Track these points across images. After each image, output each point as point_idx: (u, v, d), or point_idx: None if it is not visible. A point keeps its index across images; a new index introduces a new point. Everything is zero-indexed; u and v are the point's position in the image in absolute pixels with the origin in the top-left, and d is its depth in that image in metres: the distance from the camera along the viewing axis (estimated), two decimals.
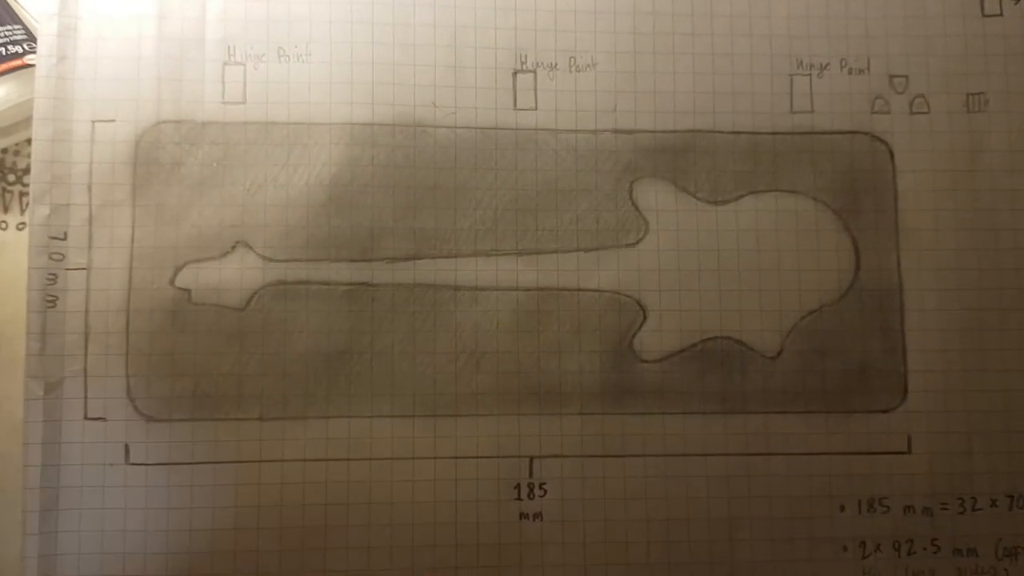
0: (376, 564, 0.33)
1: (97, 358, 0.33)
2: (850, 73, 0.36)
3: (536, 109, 0.35)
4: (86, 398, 0.32)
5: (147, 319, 0.33)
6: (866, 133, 0.36)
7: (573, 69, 0.36)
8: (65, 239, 0.33)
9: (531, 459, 0.34)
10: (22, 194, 0.36)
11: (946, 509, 0.35)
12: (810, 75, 0.36)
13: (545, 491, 0.34)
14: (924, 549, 0.34)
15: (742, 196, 0.36)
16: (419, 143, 0.35)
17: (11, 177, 0.37)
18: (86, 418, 0.32)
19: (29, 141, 0.34)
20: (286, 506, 0.33)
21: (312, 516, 0.33)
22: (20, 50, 0.35)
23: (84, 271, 0.33)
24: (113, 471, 0.32)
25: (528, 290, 0.35)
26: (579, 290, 0.35)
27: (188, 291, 0.33)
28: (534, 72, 0.35)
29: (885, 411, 0.35)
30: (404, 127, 0.35)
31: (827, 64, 0.36)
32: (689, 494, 0.34)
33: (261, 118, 0.34)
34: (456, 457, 0.33)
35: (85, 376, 0.33)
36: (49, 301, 0.33)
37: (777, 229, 0.36)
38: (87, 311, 0.33)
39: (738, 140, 0.36)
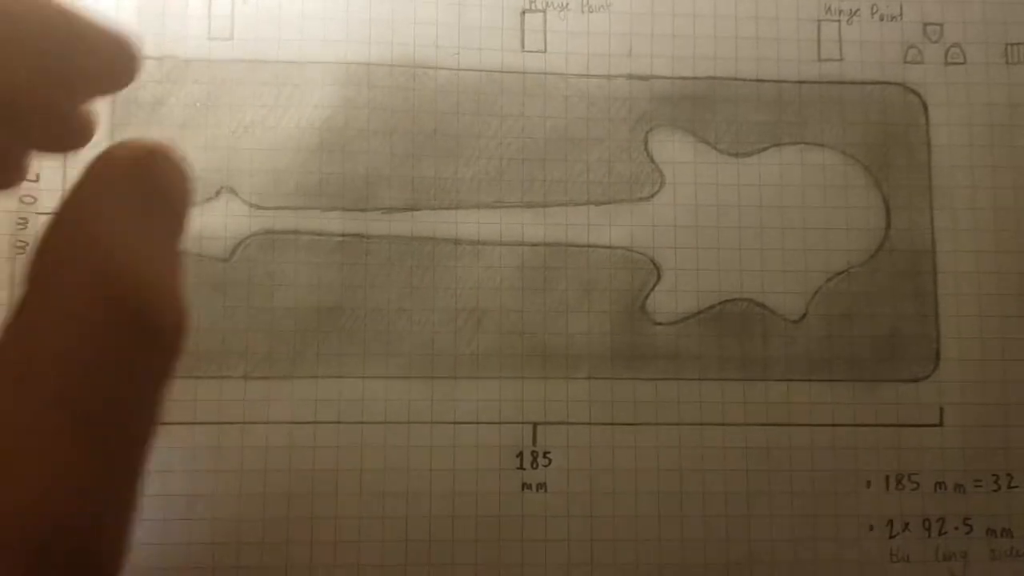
0: (367, 535, 0.30)
1: None
2: (881, 20, 0.34)
3: (545, 52, 0.33)
4: None
5: None
6: (898, 84, 0.34)
7: (585, 9, 0.33)
8: (37, 181, 0.31)
9: (535, 425, 0.31)
10: None
11: (980, 486, 0.32)
12: (839, 21, 0.34)
13: (549, 460, 0.31)
14: (956, 528, 0.32)
15: (765, 148, 0.33)
16: (419, 85, 0.32)
17: None
18: None
19: None
20: (271, 471, 0.30)
21: (299, 483, 0.30)
22: None
23: None
24: None
25: (534, 245, 0.32)
26: (589, 246, 0.32)
27: None
28: (544, 12, 0.33)
29: (916, 380, 0.33)
30: (403, 68, 0.32)
31: (857, 10, 0.34)
32: (705, 466, 0.32)
33: (249, 55, 0.32)
34: (455, 422, 0.31)
35: None
36: (19, 248, 0.30)
37: (802, 184, 0.33)
38: None
39: (762, 88, 0.34)
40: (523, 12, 0.33)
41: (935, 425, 0.32)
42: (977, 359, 0.33)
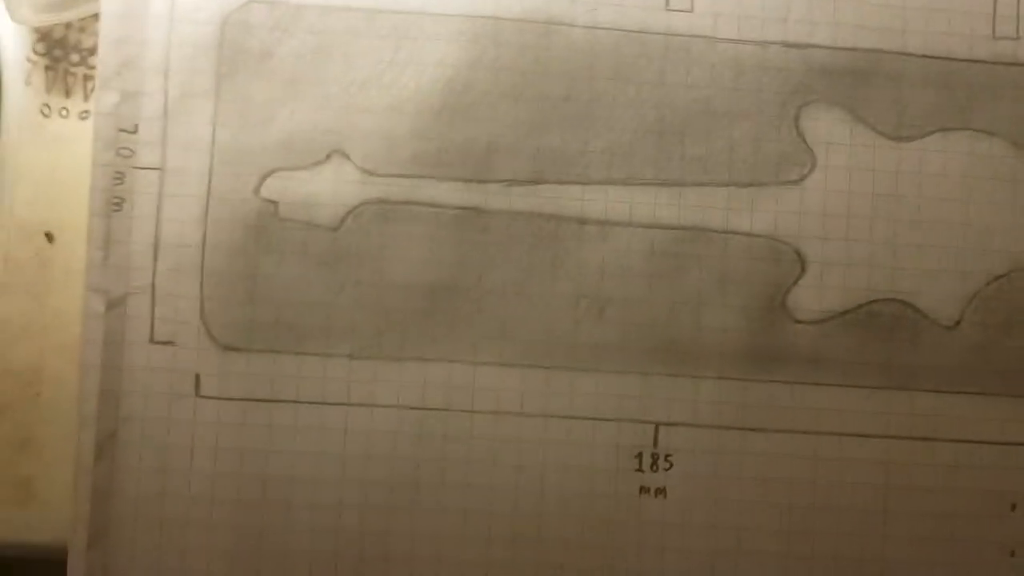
0: (472, 530, 0.28)
1: (168, 273, 0.28)
2: None
3: (692, 11, 0.30)
4: (153, 318, 0.28)
5: (227, 232, 0.28)
6: None
7: None
8: (135, 132, 0.28)
9: (657, 426, 0.29)
10: (87, 77, 0.31)
11: None
12: None
13: (671, 463, 0.29)
14: None
15: (931, 133, 0.30)
16: (551, 43, 0.29)
17: (74, 57, 0.32)
18: (152, 341, 0.28)
19: (97, 16, 0.29)
20: (373, 458, 0.28)
21: (402, 471, 0.28)
22: None
23: (157, 171, 0.28)
24: (181, 403, 0.28)
25: (667, 228, 0.29)
26: (727, 232, 0.29)
27: (275, 203, 0.28)
28: None
29: None
30: (534, 23, 0.29)
31: None
32: (841, 480, 0.29)
33: (367, 4, 0.29)
34: (571, 417, 0.29)
35: (153, 293, 0.28)
36: (115, 204, 0.28)
37: (967, 175, 0.30)
38: (158, 218, 0.28)
39: (930, 66, 0.30)
40: None
41: None
42: None
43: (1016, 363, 0.30)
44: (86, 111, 0.31)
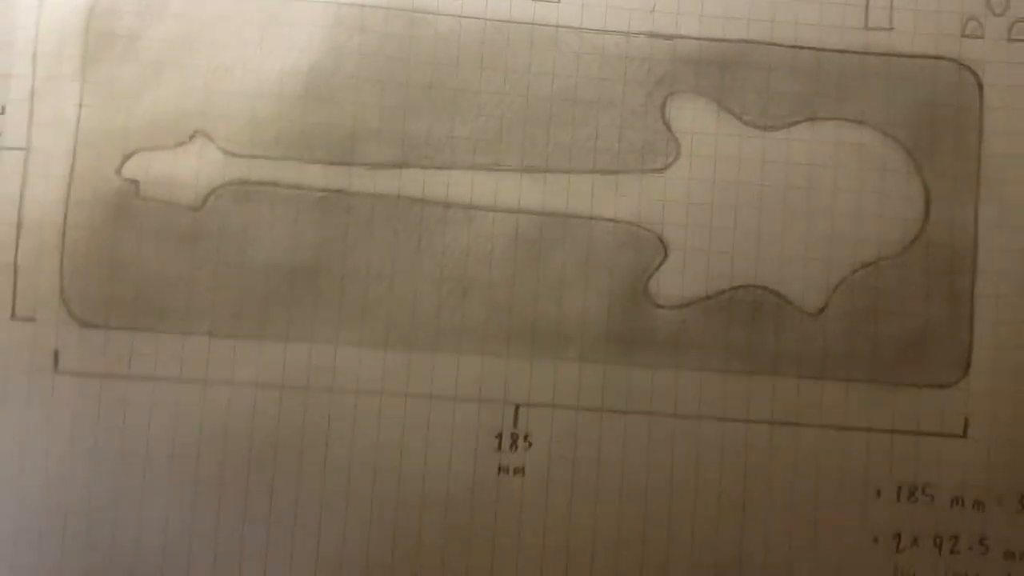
0: (330, 510, 0.29)
1: (29, 252, 0.29)
2: None
3: (559, 2, 0.30)
4: (15, 295, 0.29)
5: (88, 212, 0.29)
6: (952, 60, 0.30)
7: None
8: (3, 113, 0.29)
9: (517, 407, 0.29)
10: None
11: (1001, 505, 0.29)
12: None
13: (530, 444, 0.29)
14: (970, 549, 0.29)
15: (797, 123, 0.30)
16: (416, 32, 0.30)
17: None
18: (13, 317, 0.29)
19: None
20: (231, 436, 0.29)
21: (260, 449, 0.29)
22: None
23: (22, 152, 0.29)
24: (40, 379, 0.28)
25: (531, 214, 0.30)
26: (591, 218, 0.30)
27: (136, 183, 0.29)
28: None
29: (941, 387, 0.30)
30: (400, 12, 0.30)
31: None
32: (699, 463, 0.29)
33: None
34: (431, 396, 0.29)
35: (15, 271, 0.29)
36: None
37: (836, 165, 0.30)
38: (22, 198, 0.29)
39: (799, 56, 0.30)
40: None
41: (958, 436, 0.30)
42: (1011, 368, 0.30)
43: (882, 351, 0.30)
44: None
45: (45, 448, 0.28)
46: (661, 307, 0.30)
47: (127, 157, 0.29)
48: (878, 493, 0.29)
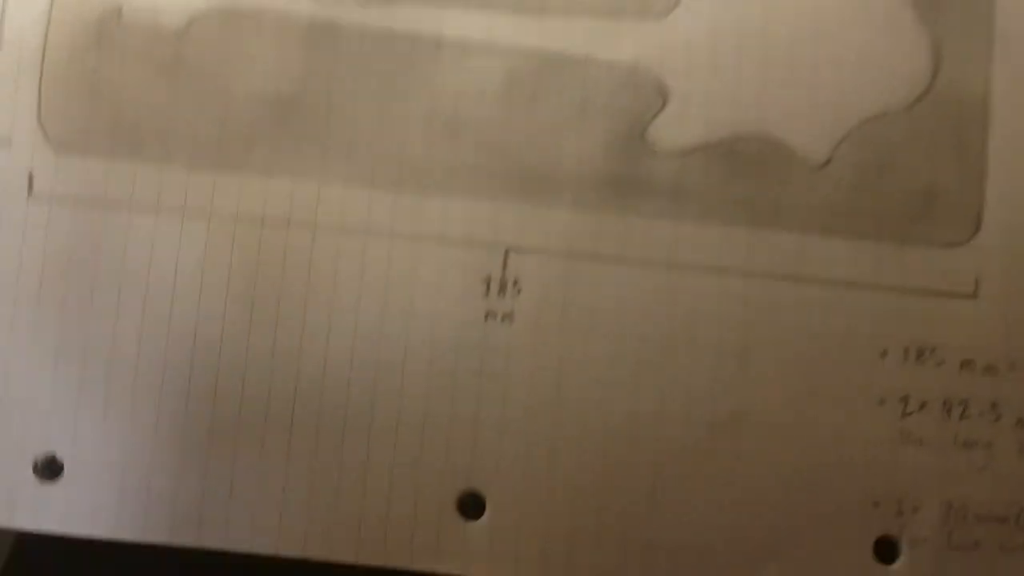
0: (309, 347, 0.27)
1: (7, 73, 0.28)
2: None
3: None
4: None
5: (68, 33, 0.28)
6: None
7: None
8: None
9: (507, 251, 0.28)
10: None
11: (1014, 370, 0.28)
12: None
13: (520, 289, 0.28)
14: (981, 414, 0.28)
15: None
16: None
17: None
18: None
19: None
20: (209, 270, 0.28)
21: (239, 285, 0.28)
22: None
23: None
24: (13, 203, 0.28)
25: (527, 54, 0.29)
26: (589, 60, 0.29)
27: (119, 6, 0.28)
28: None
29: (951, 245, 0.28)
30: None
31: None
32: (696, 315, 0.28)
33: None
34: (418, 237, 0.28)
35: None
36: None
37: (842, 13, 0.29)
38: (3, 15, 0.28)
39: None
40: None
41: (969, 296, 0.28)
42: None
43: (889, 206, 0.29)
44: None
45: (16, 274, 0.27)
46: (660, 154, 0.28)
47: None
48: (884, 353, 0.28)
